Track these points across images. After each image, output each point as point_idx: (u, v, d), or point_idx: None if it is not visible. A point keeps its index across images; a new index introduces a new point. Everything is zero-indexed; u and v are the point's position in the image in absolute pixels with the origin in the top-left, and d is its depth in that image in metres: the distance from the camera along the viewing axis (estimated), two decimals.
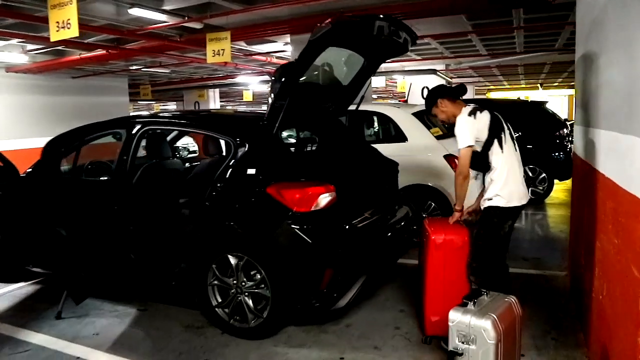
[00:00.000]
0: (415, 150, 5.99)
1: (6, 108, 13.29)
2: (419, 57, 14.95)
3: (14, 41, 9.86)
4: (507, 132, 3.39)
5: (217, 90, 22.75)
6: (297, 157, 4.73)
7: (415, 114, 6.28)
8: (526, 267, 5.19)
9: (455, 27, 10.14)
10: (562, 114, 25.15)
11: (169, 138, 5.83)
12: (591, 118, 3.51)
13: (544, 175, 8.60)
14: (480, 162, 3.36)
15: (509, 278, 3.69)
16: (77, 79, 15.16)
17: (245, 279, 3.62)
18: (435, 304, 3.43)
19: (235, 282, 3.64)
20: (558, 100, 29.89)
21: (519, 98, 10.28)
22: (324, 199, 3.44)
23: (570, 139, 9.21)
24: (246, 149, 3.66)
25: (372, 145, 5.20)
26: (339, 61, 4.46)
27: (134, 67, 14.74)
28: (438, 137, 6.10)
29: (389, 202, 4.67)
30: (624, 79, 2.46)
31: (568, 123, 10.09)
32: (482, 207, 3.45)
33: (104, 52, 10.39)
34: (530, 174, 8.58)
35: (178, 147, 6.95)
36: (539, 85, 27.19)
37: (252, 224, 3.56)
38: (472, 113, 3.35)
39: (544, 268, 5.19)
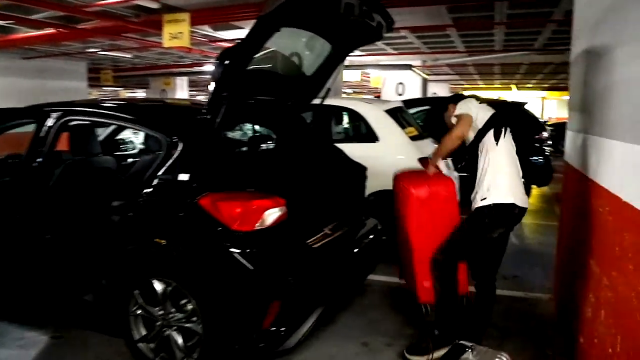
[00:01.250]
0: (387, 152, 5.37)
1: None
2: (394, 52, 14.35)
3: None
4: (508, 133, 3.10)
5: (185, 79, 21.80)
6: (245, 161, 4.01)
7: (389, 111, 5.66)
8: (507, 288, 4.60)
9: (434, 19, 9.56)
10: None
11: (108, 130, 5.10)
12: (598, 125, 2.93)
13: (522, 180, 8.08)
14: (470, 153, 3.12)
15: (493, 300, 3.37)
16: (28, 60, 14.03)
17: (173, 310, 2.93)
18: (426, 268, 3.16)
19: (162, 312, 2.95)
20: (531, 103, 29.78)
21: (499, 98, 9.82)
22: (271, 216, 2.76)
23: (549, 143, 8.80)
24: (180, 148, 2.96)
25: (340, 145, 4.55)
26: (301, 47, 3.79)
27: (92, 50, 13.72)
28: (413, 138, 5.50)
29: (355, 213, 4.03)
30: None
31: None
32: (473, 208, 3.10)
33: (54, 31, 9.46)
34: None
35: (123, 139, 6.11)
36: (513, 86, 27.04)
37: (181, 244, 2.85)
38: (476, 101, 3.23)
39: (525, 289, 4.63)
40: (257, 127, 5.28)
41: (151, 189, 2.96)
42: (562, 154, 4.40)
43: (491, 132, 3.07)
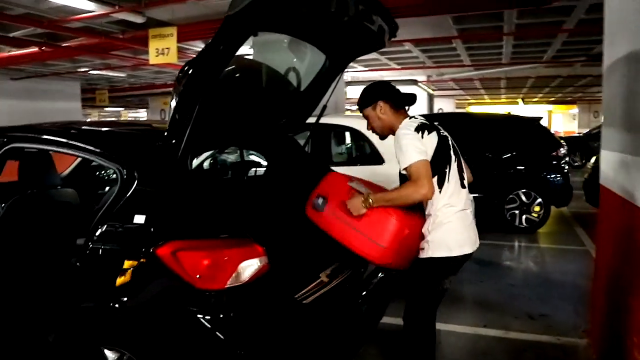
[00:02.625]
0: (395, 176, 4.78)
1: None
2: (398, 67, 13.89)
3: None
4: (454, 163, 2.59)
5: None
6: (223, 195, 3.37)
7: None
8: (534, 331, 3.97)
9: (439, 31, 9.06)
10: None
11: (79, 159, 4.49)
12: None
13: (539, 200, 7.48)
14: None
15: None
16: (17, 80, 13.62)
17: None
18: None
19: None
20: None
21: (509, 113, 9.27)
22: (249, 269, 2.15)
23: (567, 160, 8.22)
24: (135, 183, 2.37)
25: (341, 168, 3.94)
26: (290, 57, 3.24)
27: (83, 70, 13.29)
28: None
29: None
30: None
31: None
32: (418, 256, 2.63)
33: (37, 49, 9.00)
34: (525, 199, 7.47)
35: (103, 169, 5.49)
36: (520, 100, 26.56)
37: (135, 306, 2.24)
38: (420, 130, 2.53)
39: (556, 332, 3.96)
40: (243, 152, 4.68)
41: (102, 234, 2.35)
42: (576, 168, 3.78)
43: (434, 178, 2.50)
